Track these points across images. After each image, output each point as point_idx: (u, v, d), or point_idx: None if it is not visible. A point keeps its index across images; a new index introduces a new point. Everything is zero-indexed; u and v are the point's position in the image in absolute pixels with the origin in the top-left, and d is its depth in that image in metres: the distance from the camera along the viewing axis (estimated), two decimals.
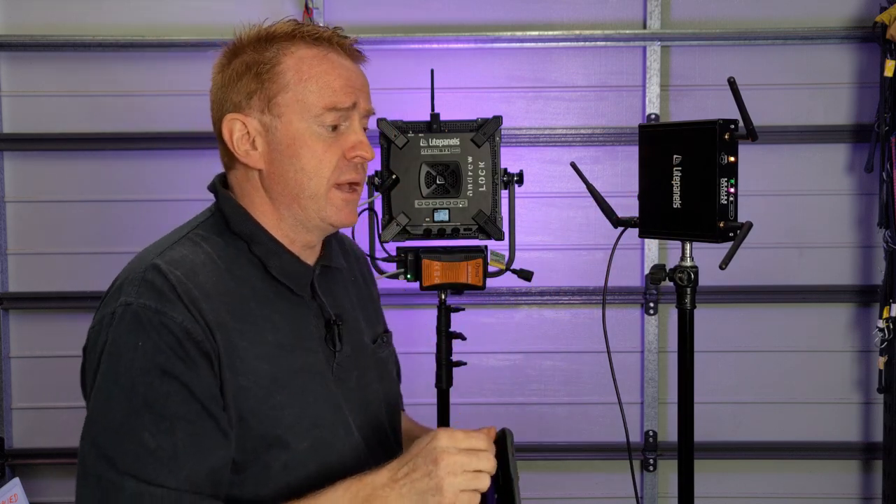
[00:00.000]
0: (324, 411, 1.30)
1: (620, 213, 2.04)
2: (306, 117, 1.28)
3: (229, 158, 1.36)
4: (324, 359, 1.34)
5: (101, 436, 1.14)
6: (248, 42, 1.33)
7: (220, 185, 1.38)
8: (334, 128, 1.30)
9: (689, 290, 1.86)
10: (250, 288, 1.29)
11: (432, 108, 2.43)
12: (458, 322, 2.54)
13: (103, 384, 1.16)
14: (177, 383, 1.15)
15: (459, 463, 1.14)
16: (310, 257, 1.38)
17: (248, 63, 1.31)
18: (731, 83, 1.75)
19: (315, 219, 1.32)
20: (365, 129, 1.36)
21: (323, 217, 1.32)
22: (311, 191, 1.30)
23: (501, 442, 1.31)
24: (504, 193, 2.43)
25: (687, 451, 1.91)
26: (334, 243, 1.47)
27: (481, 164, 2.38)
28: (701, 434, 2.03)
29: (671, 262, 1.89)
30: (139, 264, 1.24)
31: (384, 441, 1.43)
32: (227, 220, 1.33)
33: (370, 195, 2.42)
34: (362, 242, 1.96)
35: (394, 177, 2.34)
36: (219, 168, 1.45)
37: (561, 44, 3.17)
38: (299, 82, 1.28)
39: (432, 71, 2.51)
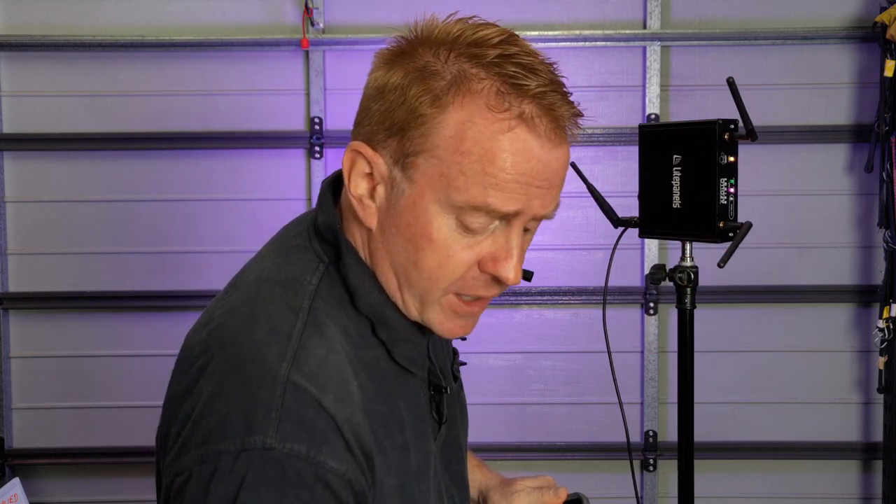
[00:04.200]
0: (432, 500, 1.06)
1: (620, 213, 2.04)
2: (444, 203, 0.92)
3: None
4: (432, 437, 1.08)
5: None
6: (424, 48, 0.94)
7: (337, 222, 1.01)
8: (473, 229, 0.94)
9: (689, 290, 1.86)
10: (379, 374, 0.99)
11: None
12: None
13: None
14: None
15: None
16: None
17: (404, 86, 0.92)
18: (731, 83, 1.75)
19: (415, 315, 1.02)
20: (528, 230, 1.02)
21: (424, 320, 1.02)
22: (419, 291, 0.98)
23: None
24: None
25: (687, 451, 1.91)
26: None
27: None
28: (701, 434, 2.02)
29: (671, 262, 1.90)
30: (267, 348, 0.90)
31: (465, 498, 1.20)
32: (351, 293, 1.00)
33: None
34: None
35: None
36: (219, 169, 1.42)
37: (561, 44, 3.16)
38: (455, 153, 0.90)
39: None
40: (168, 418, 0.94)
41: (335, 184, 1.05)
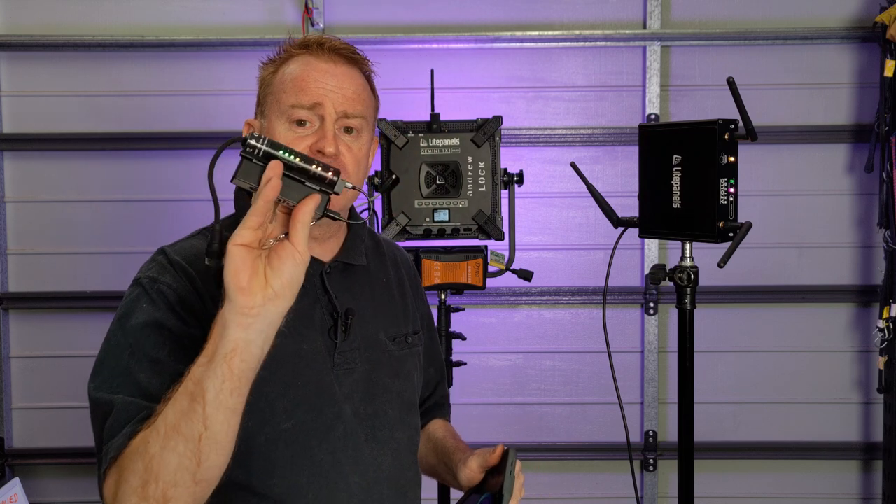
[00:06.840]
0: (312, 395, 1.37)
1: (620, 213, 2.04)
2: (279, 114, 1.39)
3: None
4: (324, 348, 1.40)
5: (109, 376, 1.32)
6: (276, 55, 1.46)
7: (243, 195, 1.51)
8: (301, 123, 1.38)
9: (689, 290, 1.86)
10: None
11: (432, 108, 2.43)
12: (458, 322, 2.54)
13: (112, 336, 1.36)
14: (170, 335, 1.31)
15: (244, 274, 1.10)
16: (324, 253, 1.45)
17: (264, 74, 1.46)
18: (731, 83, 1.76)
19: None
20: (349, 129, 1.40)
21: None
22: None
23: (505, 459, 1.44)
24: (504, 193, 2.43)
25: (687, 451, 1.91)
26: (360, 244, 1.52)
27: (481, 164, 2.39)
28: (701, 434, 2.03)
29: (671, 262, 1.90)
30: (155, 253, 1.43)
31: (390, 435, 1.47)
32: (238, 216, 1.44)
33: (370, 195, 2.43)
34: None
35: (394, 177, 2.34)
36: (219, 169, 1.45)
37: (561, 44, 3.17)
38: (279, 84, 1.41)
39: (432, 71, 2.51)
40: None
41: None
